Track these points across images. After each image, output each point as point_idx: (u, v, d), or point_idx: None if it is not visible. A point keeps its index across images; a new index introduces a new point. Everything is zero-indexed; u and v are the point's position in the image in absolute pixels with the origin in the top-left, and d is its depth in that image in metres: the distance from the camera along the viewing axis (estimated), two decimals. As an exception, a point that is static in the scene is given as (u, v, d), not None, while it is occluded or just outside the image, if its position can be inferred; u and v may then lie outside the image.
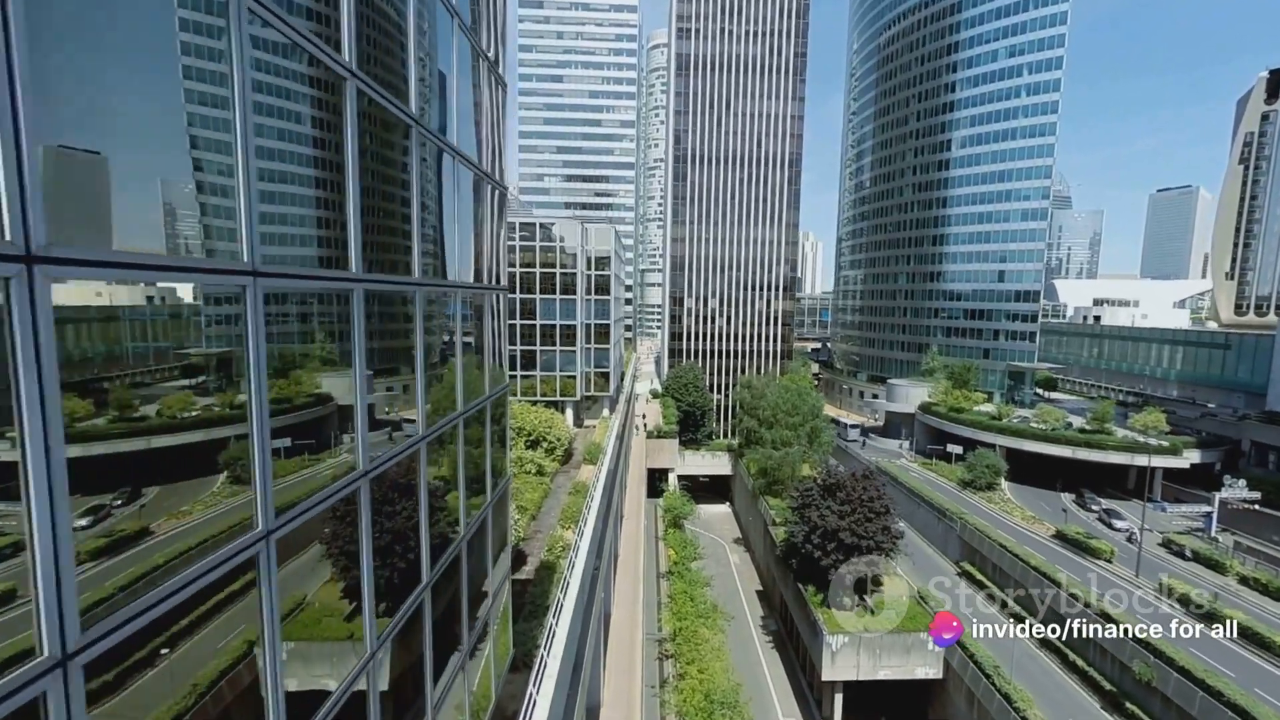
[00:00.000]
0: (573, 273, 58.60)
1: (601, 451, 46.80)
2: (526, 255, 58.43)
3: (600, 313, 61.29)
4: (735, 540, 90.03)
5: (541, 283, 58.96)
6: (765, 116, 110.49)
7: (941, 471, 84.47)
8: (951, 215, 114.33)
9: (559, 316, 59.38)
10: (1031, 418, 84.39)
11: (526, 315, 59.08)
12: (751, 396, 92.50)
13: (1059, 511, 71.20)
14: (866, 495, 51.37)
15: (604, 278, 60.94)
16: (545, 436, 47.24)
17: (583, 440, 58.02)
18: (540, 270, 59.48)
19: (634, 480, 74.45)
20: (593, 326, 62.29)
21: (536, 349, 60.39)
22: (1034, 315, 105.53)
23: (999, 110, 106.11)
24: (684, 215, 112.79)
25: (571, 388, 61.09)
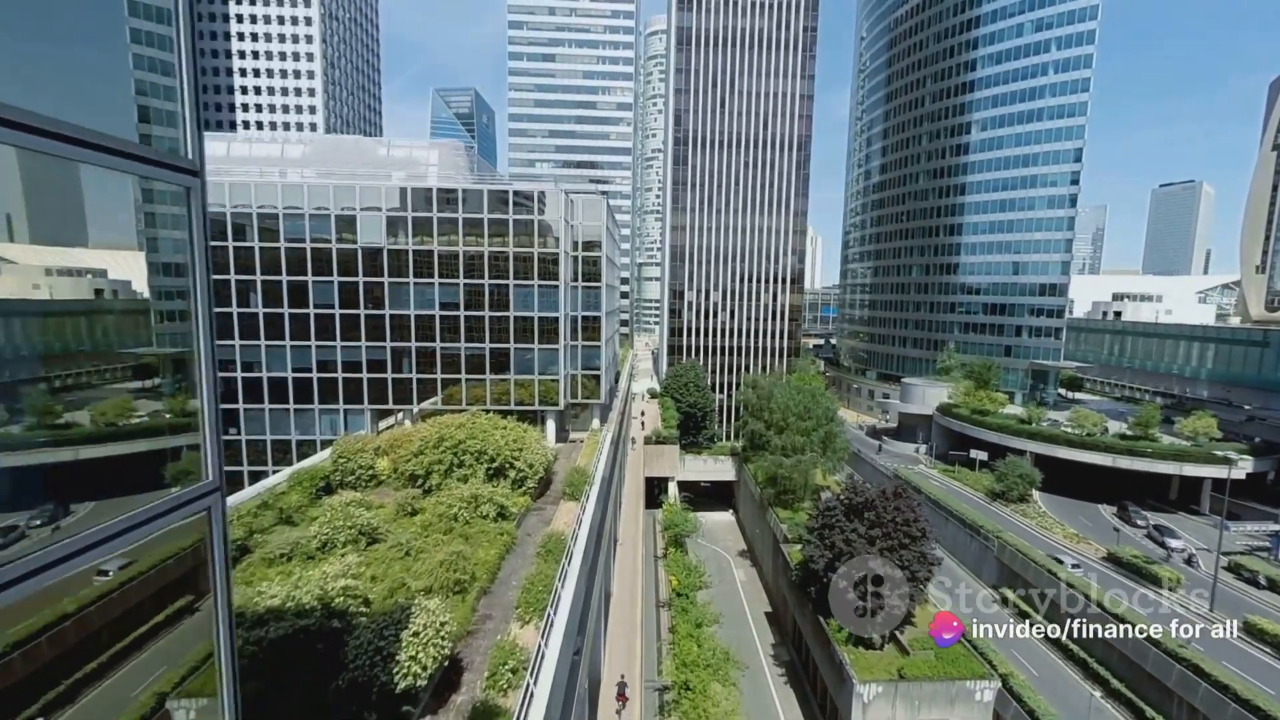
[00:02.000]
0: (555, 253, 47.14)
1: (587, 483, 37.96)
2: (496, 230, 47.13)
3: (589, 303, 50.32)
4: (740, 553, 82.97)
5: (516, 265, 47.18)
6: (772, 96, 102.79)
7: (966, 480, 77.41)
8: (969, 203, 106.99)
9: (537, 307, 47.82)
10: (1065, 421, 77.27)
11: (497, 305, 47.70)
12: (758, 397, 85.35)
13: (1103, 527, 64.25)
14: (901, 518, 44.16)
15: (593, 260, 49.85)
16: (513, 463, 36.16)
17: (565, 463, 46.77)
18: (514, 249, 47.24)
19: (630, 494, 67.11)
20: (580, 320, 50.95)
21: (510, 347, 48.56)
22: (1059, 310, 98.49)
23: (1023, 89, 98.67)
24: (684, 202, 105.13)
25: (553, 394, 49.81)
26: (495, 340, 49.13)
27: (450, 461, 35.16)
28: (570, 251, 49.93)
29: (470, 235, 47.02)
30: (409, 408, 49.18)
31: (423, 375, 48.30)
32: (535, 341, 49.01)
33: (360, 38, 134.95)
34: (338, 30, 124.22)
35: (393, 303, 47.19)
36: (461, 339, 48.57)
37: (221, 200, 44.36)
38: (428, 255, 47.56)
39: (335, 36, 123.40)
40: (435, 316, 47.77)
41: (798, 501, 71.85)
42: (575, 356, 51.83)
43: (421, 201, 46.36)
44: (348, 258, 46.72)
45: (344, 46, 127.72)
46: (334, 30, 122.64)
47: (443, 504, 31.06)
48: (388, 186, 45.21)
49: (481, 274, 47.99)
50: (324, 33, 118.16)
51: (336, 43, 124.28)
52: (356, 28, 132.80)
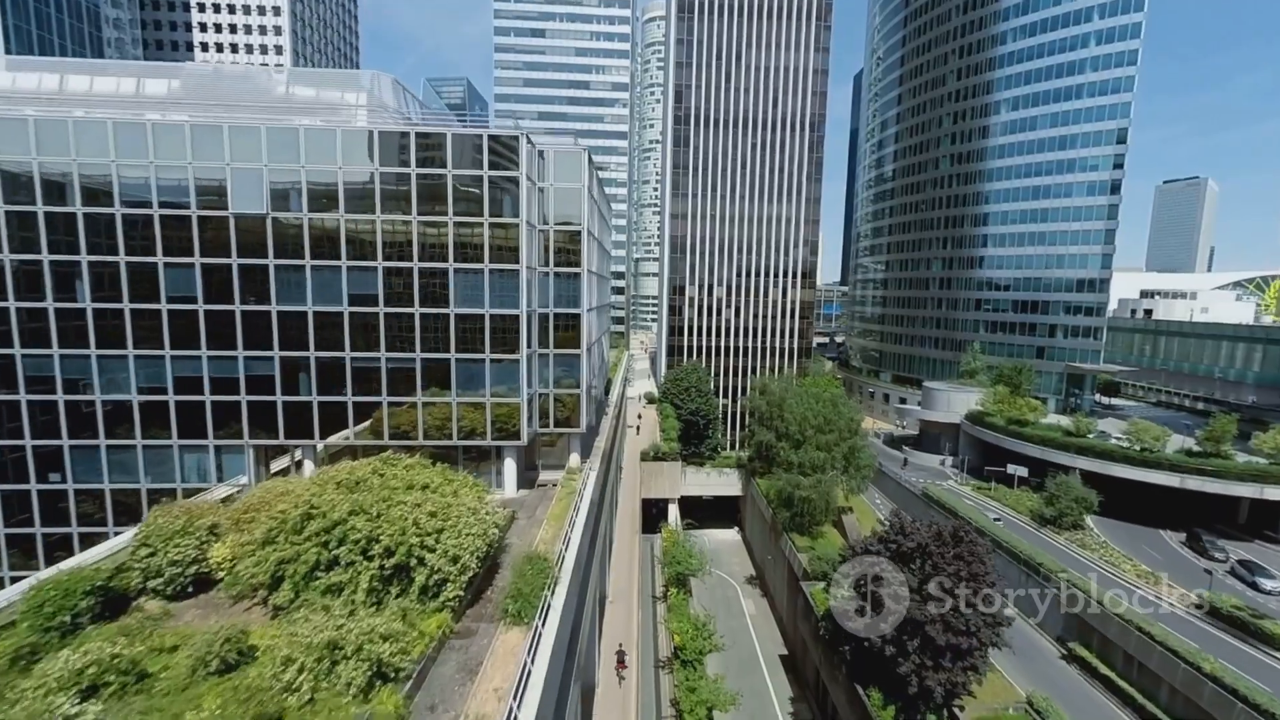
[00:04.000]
0: (513, 224, 33.04)
1: (547, 587, 23.78)
2: (430, 193, 32.94)
3: (565, 296, 36.82)
4: (749, 580, 73.88)
5: (459, 242, 33.19)
6: (782, 70, 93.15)
7: (1006, 500, 68.27)
8: (997, 190, 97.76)
9: (488, 301, 33.63)
10: (1119, 434, 68.10)
11: (431, 298, 33.66)
12: (767, 404, 76.28)
13: (1175, 560, 55.31)
14: (965, 570, 34.88)
15: (570, 238, 36.31)
16: (424, 557, 21.69)
17: (524, 532, 31.87)
18: (454, 219, 33.01)
19: (625, 519, 57.77)
20: (551, 319, 36.96)
21: (450, 357, 34.13)
22: (1099, 308, 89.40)
23: (1061, 64, 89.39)
24: (685, 188, 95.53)
25: (512, 421, 35.18)
26: (430, 347, 34.20)
27: (317, 559, 21.59)
28: (537, 224, 35.58)
29: (393, 200, 33.34)
30: (308, 443, 35.27)
31: (327, 398, 34.19)
32: (485, 349, 34.17)
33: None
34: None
35: (283, 295, 33.24)
36: (381, 346, 33.99)
37: (24, 147, 30.87)
38: (331, 228, 33.24)
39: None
40: (344, 315, 33.47)
41: (817, 526, 62.81)
42: (544, 369, 37.55)
43: (323, 151, 32.61)
44: (216, 231, 32.49)
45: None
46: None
47: (271, 662, 16.96)
48: (271, 129, 31.75)
49: (409, 254, 33.52)
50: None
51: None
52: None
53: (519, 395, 34.91)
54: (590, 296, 40.05)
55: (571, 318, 37.79)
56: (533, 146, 35.00)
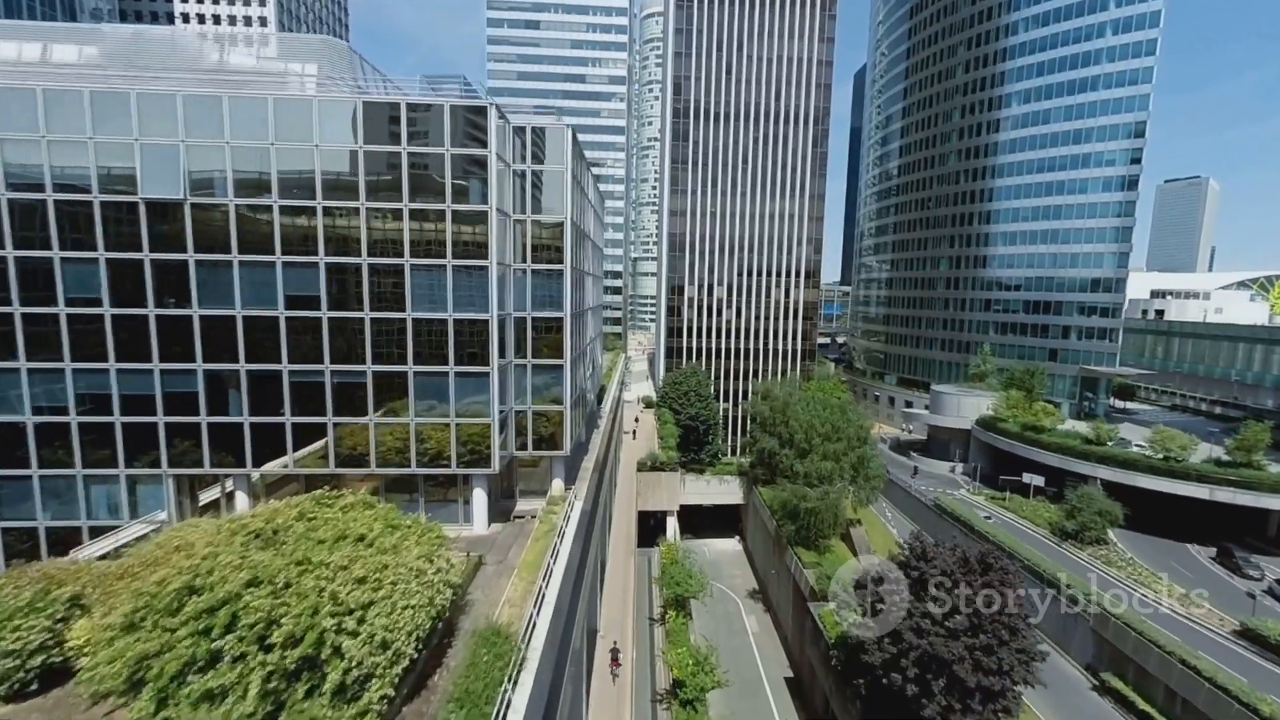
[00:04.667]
0: (480, 212, 27.84)
1: (498, 708, 16.94)
2: (381, 175, 27.93)
3: (546, 298, 31.51)
4: (751, 594, 70.27)
5: (417, 234, 28.10)
6: (786, 61, 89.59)
7: (1023, 512, 64.77)
8: (1009, 186, 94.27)
9: (451, 303, 28.33)
10: (1144, 442, 64.61)
11: (384, 299, 28.49)
12: (770, 410, 72.85)
13: (1208, 578, 51.86)
14: (1000, 602, 31.34)
15: (552, 230, 31.23)
16: (339, 645, 15.85)
17: (489, 584, 25.96)
18: (410, 208, 27.85)
19: (620, 535, 54.19)
20: (529, 324, 31.66)
21: (407, 369, 28.86)
22: (1115, 308, 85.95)
23: (1075, 54, 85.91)
24: (685, 183, 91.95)
25: (482, 444, 29.81)
26: (383, 359, 28.64)
27: (193, 652, 15.45)
28: (511, 214, 30.26)
29: (338, 183, 27.81)
30: (240, 472, 29.74)
31: (262, 418, 28.84)
32: (449, 360, 28.83)
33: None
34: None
35: (207, 296, 27.71)
36: (325, 357, 28.40)
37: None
38: (264, 216, 27.59)
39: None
40: (279, 320, 27.99)
41: (824, 539, 59.27)
42: (522, 382, 32.25)
43: (251, 125, 26.96)
44: (123, 219, 27.01)
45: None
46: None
47: None
48: (190, 98, 26.18)
49: (357, 248, 28.02)
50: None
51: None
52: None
53: (489, 414, 29.67)
54: (577, 297, 35.42)
55: (554, 322, 32.29)
56: (506, 122, 29.64)
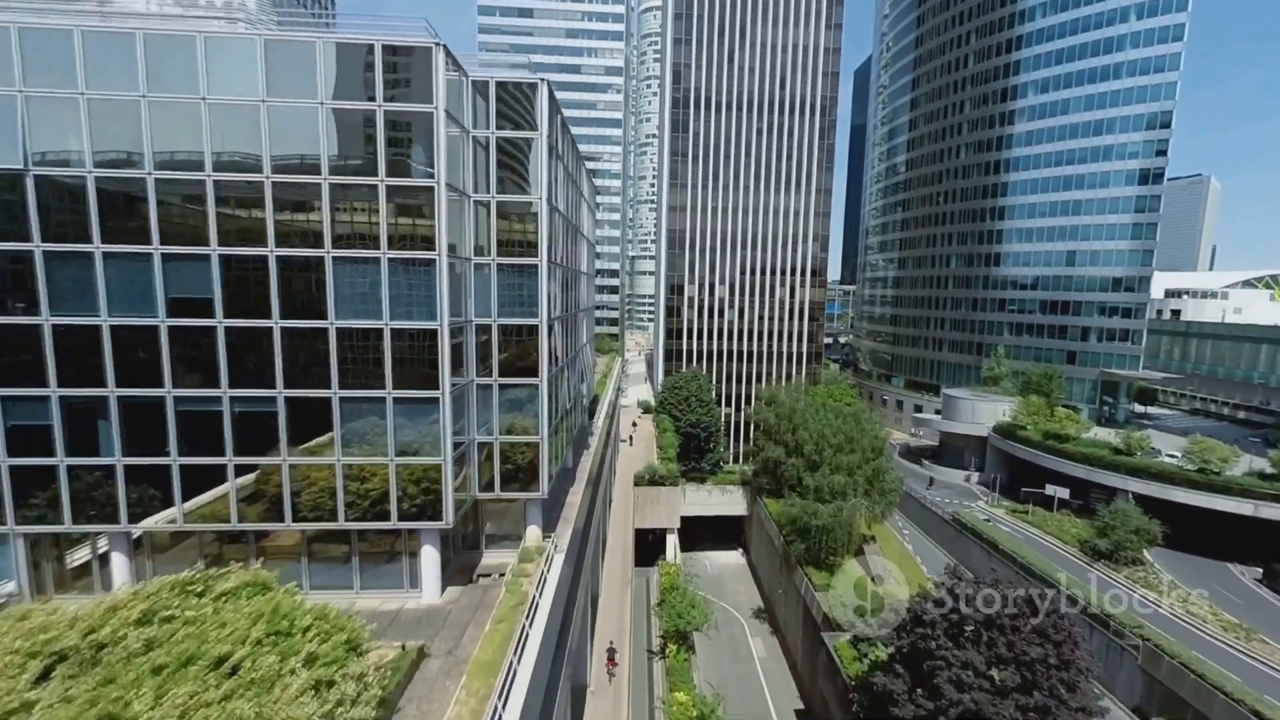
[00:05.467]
0: (425, 189, 21.60)
1: None
2: (292, 139, 21.51)
3: (516, 300, 25.05)
4: (757, 613, 65.72)
5: (339, 219, 22.00)
6: (790, 48, 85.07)
7: (1047, 527, 60.42)
8: (1024, 180, 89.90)
9: (390, 309, 21.96)
10: (1180, 453, 60.26)
11: (298, 304, 22.08)
12: (776, 417, 68.45)
13: (1252, 600, 47.70)
14: (1056, 655, 26.84)
15: (524, 215, 24.93)
16: None
17: (428, 692, 18.60)
18: (331, 182, 21.54)
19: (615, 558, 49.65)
20: (497, 333, 25.07)
21: (331, 394, 22.42)
22: (1138, 308, 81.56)
23: (1096, 40, 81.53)
24: (684, 177, 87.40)
25: (430, 489, 23.36)
26: (299, 380, 22.10)
27: None
28: (471, 192, 24.13)
29: (235, 151, 21.32)
30: (114, 528, 22.84)
31: (140, 459, 22.25)
32: (386, 381, 22.31)
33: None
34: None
35: (61, 299, 21.21)
36: (222, 379, 21.76)
37: None
38: (135, 193, 21.14)
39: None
40: (159, 330, 21.50)
41: (836, 557, 54.84)
42: (485, 408, 25.42)
43: (117, 70, 20.33)
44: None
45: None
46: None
47: None
48: (28, 31, 19.92)
49: (261, 236, 21.50)
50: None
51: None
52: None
53: (440, 450, 22.80)
54: (559, 298, 29.05)
55: (527, 330, 25.27)
56: (460, 72, 22.96)
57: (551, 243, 26.25)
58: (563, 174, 29.19)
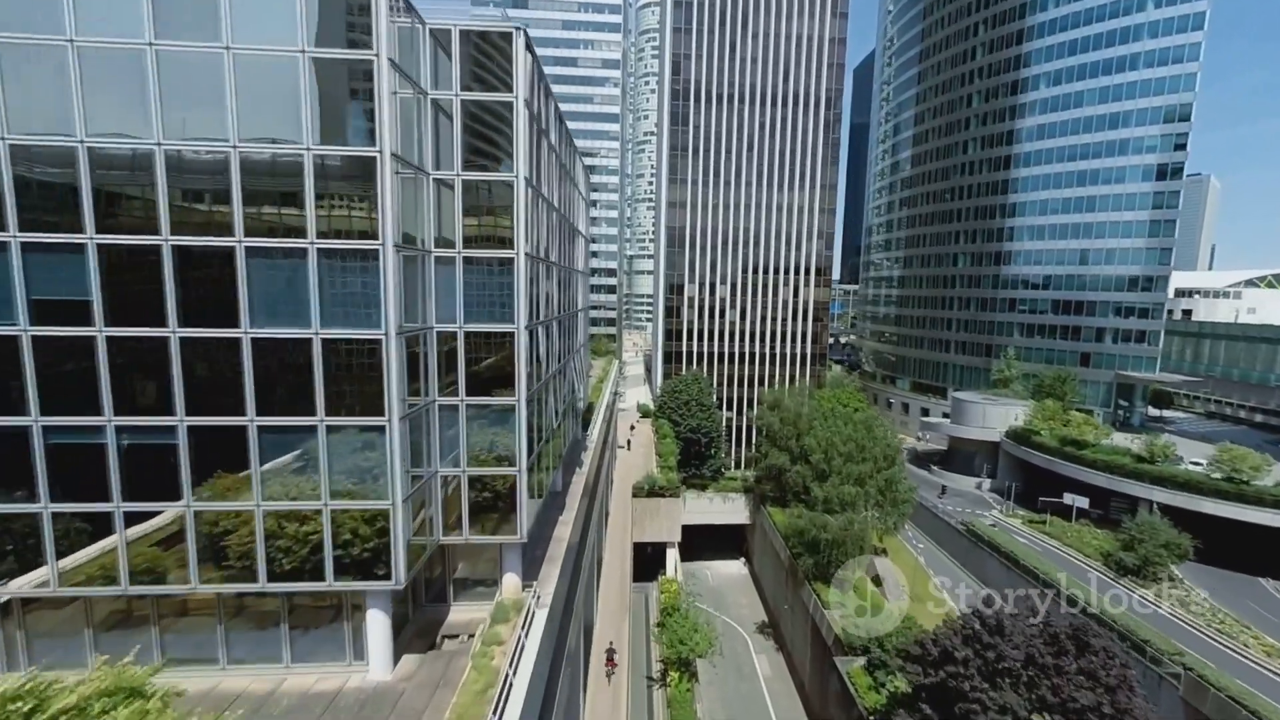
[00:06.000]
0: (365, 161, 16.83)
1: None
2: (193, 94, 16.55)
3: (488, 299, 20.31)
4: (761, 628, 62.72)
5: (253, 199, 16.87)
6: (794, 39, 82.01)
7: (1066, 538, 57.52)
8: (1035, 176, 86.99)
9: (319, 313, 17.05)
10: (1207, 461, 57.37)
11: (204, 308, 17.11)
12: (781, 423, 65.48)
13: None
14: (1112, 706, 23.77)
15: (497, 198, 20.36)
16: None
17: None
18: (241, 148, 16.52)
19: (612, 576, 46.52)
20: (463, 344, 20.25)
21: (247, 422, 17.33)
22: (1155, 308, 78.66)
23: (1111, 30, 78.62)
24: (684, 173, 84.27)
25: (374, 539, 18.26)
26: (205, 405, 17.40)
27: None
28: (429, 168, 19.71)
29: (117, 110, 16.55)
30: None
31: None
32: (317, 405, 17.65)
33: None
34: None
35: None
36: (105, 403, 16.89)
37: None
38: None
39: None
40: (21, 341, 16.57)
41: (847, 572, 51.87)
42: (448, 433, 20.83)
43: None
44: None
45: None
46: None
47: None
48: None
49: (154, 221, 16.60)
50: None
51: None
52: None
53: (388, 490, 18.02)
54: (543, 299, 24.24)
55: (501, 340, 20.40)
56: (413, 18, 18.47)
57: (532, 232, 21.53)
58: (546, 150, 24.65)
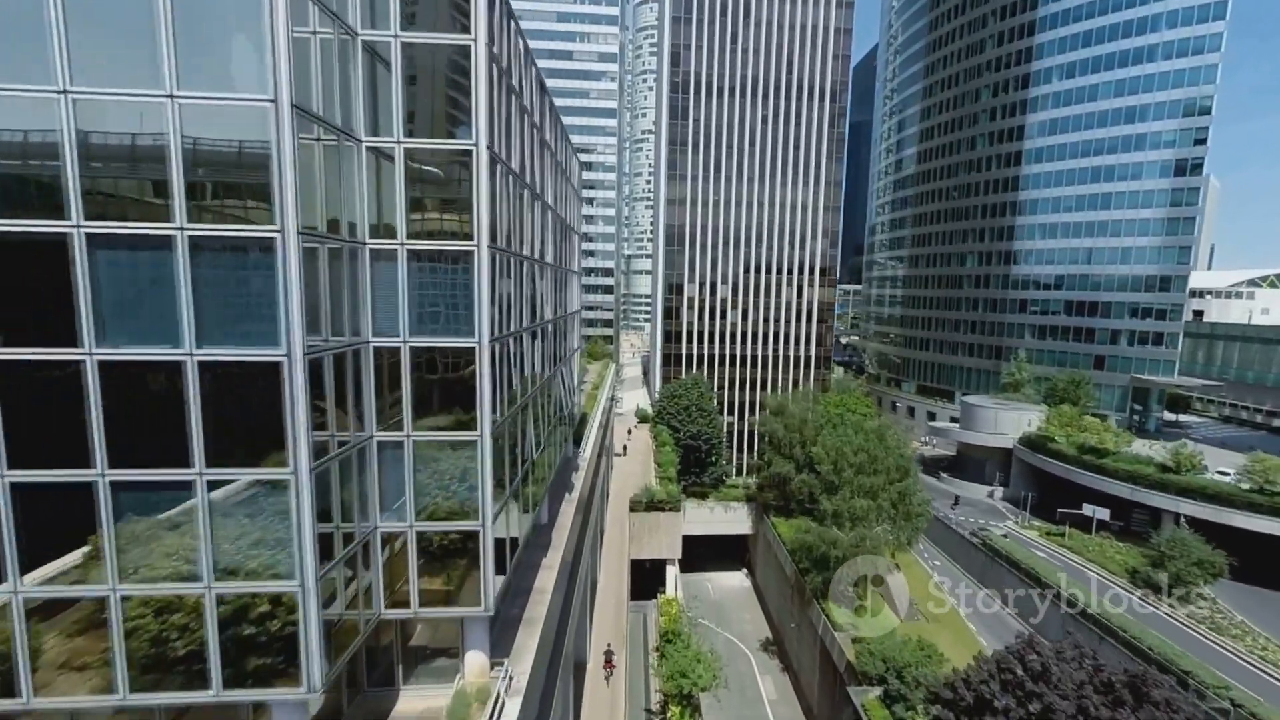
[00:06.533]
0: (255, 112, 12.03)
1: None
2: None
3: (439, 304, 15.68)
4: (765, 646, 59.64)
5: (97, 167, 12.11)
6: (798, 28, 78.90)
7: (1088, 553, 54.46)
8: (1048, 172, 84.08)
9: (193, 330, 12.11)
10: (1235, 471, 54.41)
11: (30, 323, 12.15)
12: (786, 429, 62.48)
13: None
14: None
15: (449, 173, 15.78)
16: None
17: None
18: (79, 95, 11.52)
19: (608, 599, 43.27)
20: (408, 361, 15.36)
21: (96, 476, 12.31)
22: (1174, 309, 75.75)
23: (1129, 20, 75.68)
24: (684, 168, 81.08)
25: (279, 632, 13.26)
26: (34, 455, 12.22)
27: None
28: (354, 130, 14.90)
29: None
30: None
31: None
32: (194, 455, 12.54)
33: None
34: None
35: None
36: None
37: None
38: None
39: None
40: None
41: (860, 592, 48.82)
42: (392, 481, 15.83)
43: None
44: None
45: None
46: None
47: None
48: None
49: None
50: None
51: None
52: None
53: (294, 567, 13.32)
54: (515, 303, 19.52)
55: (457, 358, 15.90)
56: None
57: (501, 219, 17.12)
58: (518, 115, 19.67)
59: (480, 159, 15.58)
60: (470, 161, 15.65)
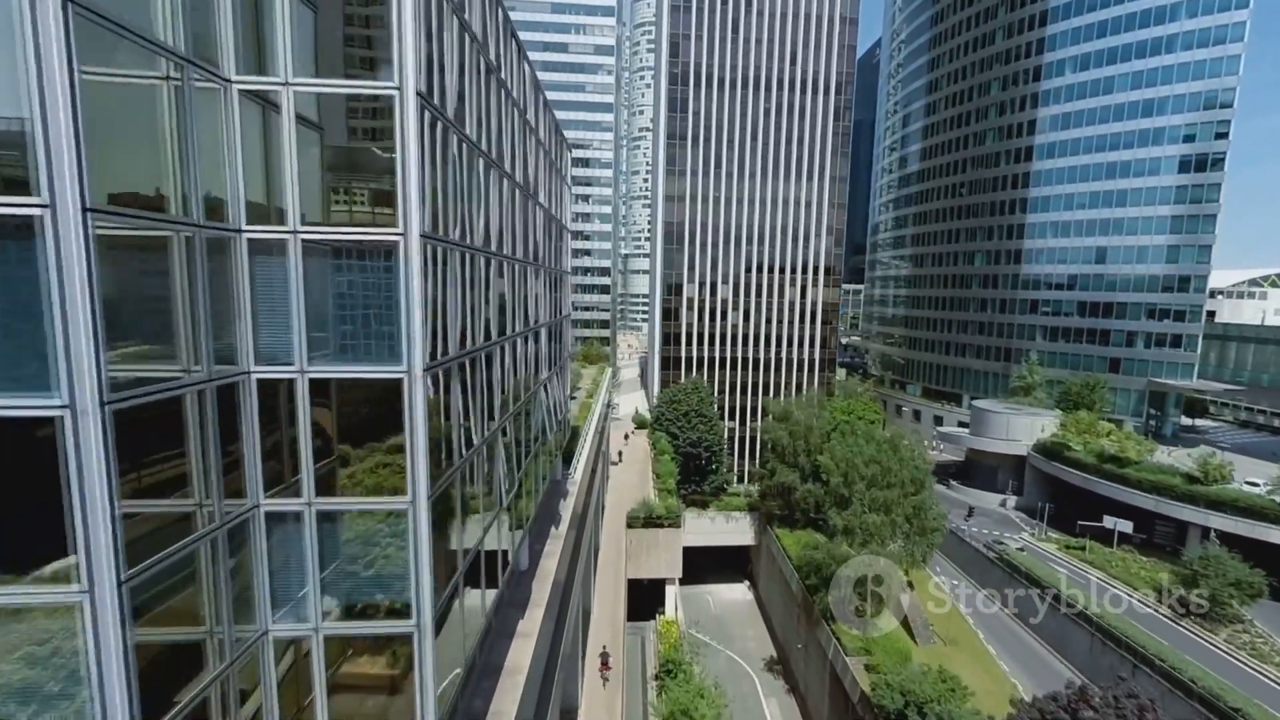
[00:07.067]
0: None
1: None
2: None
3: (351, 318, 10.78)
4: (769, 665, 56.54)
5: None
6: (802, 18, 75.80)
7: (1110, 567, 51.53)
8: (1060, 168, 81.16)
9: None
10: (1266, 482, 51.51)
11: None
12: (791, 437, 59.57)
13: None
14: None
15: (369, 130, 10.89)
16: None
17: None
18: None
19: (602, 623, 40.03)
20: (307, 394, 10.36)
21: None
22: (1193, 310, 72.89)
23: (1146, 10, 72.70)
24: (683, 164, 77.95)
25: None
26: None
27: None
28: (225, 70, 9.77)
29: None
30: None
31: None
32: None
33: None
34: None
35: None
36: None
37: None
38: None
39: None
40: None
41: (873, 613, 45.80)
42: (292, 567, 10.87)
43: None
44: None
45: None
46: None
47: None
48: None
49: None
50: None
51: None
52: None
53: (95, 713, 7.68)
54: (466, 314, 14.04)
55: (380, 394, 10.81)
56: None
57: (441, 195, 12.22)
58: (471, 53, 14.28)
59: (407, 106, 10.35)
60: (393, 112, 10.42)
